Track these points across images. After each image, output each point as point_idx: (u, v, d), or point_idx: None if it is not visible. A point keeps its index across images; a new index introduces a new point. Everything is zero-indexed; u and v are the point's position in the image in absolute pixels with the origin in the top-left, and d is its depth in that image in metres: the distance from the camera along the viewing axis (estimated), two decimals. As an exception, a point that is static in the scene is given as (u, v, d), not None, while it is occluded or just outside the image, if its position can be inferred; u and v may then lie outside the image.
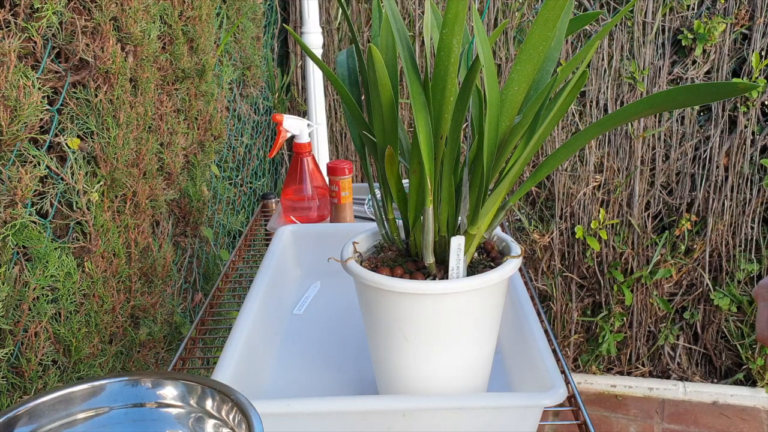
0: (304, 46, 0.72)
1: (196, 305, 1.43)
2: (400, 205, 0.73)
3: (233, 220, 1.71)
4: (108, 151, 1.00)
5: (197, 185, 1.37)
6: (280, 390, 0.84)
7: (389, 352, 0.73)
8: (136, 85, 1.08)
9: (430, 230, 0.69)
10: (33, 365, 0.84)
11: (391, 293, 0.68)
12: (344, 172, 1.25)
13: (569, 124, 2.27)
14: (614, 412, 2.35)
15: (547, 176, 2.32)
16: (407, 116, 2.26)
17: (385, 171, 0.69)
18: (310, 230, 1.16)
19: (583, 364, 2.46)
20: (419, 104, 0.65)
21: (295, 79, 2.32)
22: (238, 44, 1.71)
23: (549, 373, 0.72)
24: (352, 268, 0.71)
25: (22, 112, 0.79)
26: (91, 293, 0.97)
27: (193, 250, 1.42)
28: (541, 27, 0.60)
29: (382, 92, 0.65)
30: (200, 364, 1.19)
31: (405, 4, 2.21)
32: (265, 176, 2.10)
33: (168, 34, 1.21)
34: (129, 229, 1.07)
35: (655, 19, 2.12)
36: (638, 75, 2.16)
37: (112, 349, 1.03)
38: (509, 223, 2.35)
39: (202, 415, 0.60)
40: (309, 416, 0.69)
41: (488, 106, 0.62)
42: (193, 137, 1.34)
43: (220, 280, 1.20)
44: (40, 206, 0.89)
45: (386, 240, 0.78)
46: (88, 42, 0.95)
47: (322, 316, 1.02)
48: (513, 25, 2.19)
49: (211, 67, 1.37)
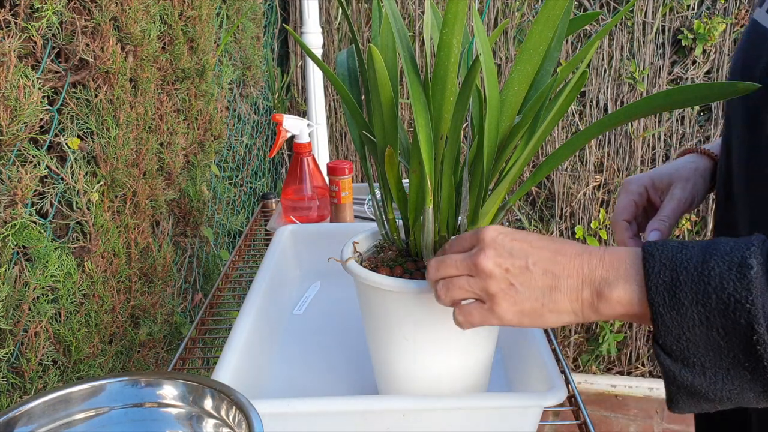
0: (304, 46, 0.72)
1: (196, 305, 1.43)
2: (400, 205, 0.73)
3: (233, 220, 1.71)
4: (108, 151, 1.00)
5: (197, 185, 1.37)
6: (280, 390, 0.84)
7: (389, 352, 0.73)
8: (136, 85, 1.08)
9: (430, 230, 0.69)
10: (33, 365, 0.84)
11: (390, 293, 0.68)
12: (344, 172, 1.25)
13: (569, 124, 2.27)
14: (614, 412, 2.35)
15: (547, 176, 2.32)
16: (407, 116, 2.26)
17: (385, 171, 0.69)
18: (310, 230, 1.16)
19: (583, 364, 2.46)
20: (419, 104, 0.65)
21: (295, 79, 2.32)
22: (238, 44, 1.71)
23: (549, 373, 0.72)
24: (352, 268, 0.71)
25: (22, 112, 0.79)
26: (91, 293, 0.97)
27: (193, 250, 1.42)
28: (541, 27, 0.60)
29: (382, 92, 0.65)
30: (200, 364, 1.19)
31: (405, 4, 2.21)
32: (265, 176, 2.10)
33: (168, 34, 1.21)
34: (129, 229, 1.07)
35: (655, 19, 2.12)
36: (638, 75, 2.16)
37: (112, 349, 1.03)
38: (509, 223, 2.35)
39: (201, 415, 0.60)
40: (309, 416, 0.69)
41: (488, 106, 0.62)
42: (193, 137, 1.34)
43: (220, 280, 1.20)
44: (40, 206, 0.89)
45: (386, 240, 0.78)
46: (88, 42, 0.95)
47: (322, 316, 1.02)
48: (513, 25, 2.19)
49: (211, 67, 1.37)
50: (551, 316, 0.56)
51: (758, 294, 0.47)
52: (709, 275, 0.49)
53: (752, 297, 0.47)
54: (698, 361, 0.50)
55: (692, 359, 0.51)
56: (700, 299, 0.49)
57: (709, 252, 0.50)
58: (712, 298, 0.48)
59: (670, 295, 0.50)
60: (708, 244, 0.51)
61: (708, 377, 0.50)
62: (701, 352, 0.50)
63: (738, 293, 0.48)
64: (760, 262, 0.48)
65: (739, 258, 0.49)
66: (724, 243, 0.51)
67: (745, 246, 0.49)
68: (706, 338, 0.49)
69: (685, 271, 0.50)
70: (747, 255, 0.48)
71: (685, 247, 0.51)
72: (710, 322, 0.49)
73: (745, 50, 0.68)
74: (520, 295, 0.56)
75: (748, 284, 0.47)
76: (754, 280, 0.47)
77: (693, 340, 0.50)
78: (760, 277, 0.48)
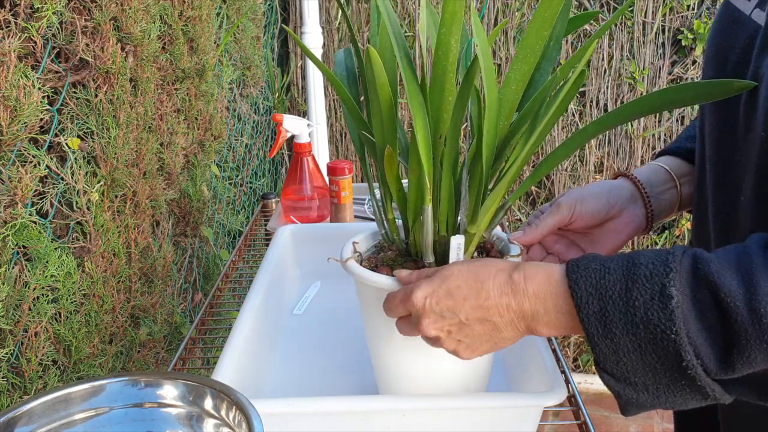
0: (304, 48, 0.72)
1: (196, 305, 1.43)
2: (399, 205, 0.73)
3: (233, 220, 1.71)
4: (108, 151, 1.00)
5: (197, 185, 1.37)
6: (280, 390, 0.84)
7: (389, 351, 0.73)
8: (136, 85, 1.08)
9: (429, 230, 0.69)
10: (33, 365, 0.85)
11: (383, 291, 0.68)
12: (344, 172, 1.25)
13: (569, 124, 2.27)
14: (614, 412, 2.35)
15: (546, 176, 2.32)
16: (407, 116, 2.26)
17: (385, 171, 0.69)
18: (310, 230, 1.16)
19: (583, 364, 2.46)
20: (417, 105, 0.65)
21: (295, 79, 2.32)
22: (238, 44, 1.71)
23: (549, 373, 0.72)
24: (351, 267, 0.71)
25: (22, 112, 0.79)
26: (91, 293, 0.97)
27: (193, 250, 1.42)
28: (537, 26, 0.60)
29: (381, 93, 0.65)
30: (200, 364, 1.19)
31: (405, 4, 2.21)
32: (265, 176, 2.10)
33: (168, 34, 1.22)
34: (129, 229, 1.07)
35: (655, 19, 2.12)
36: (638, 75, 2.16)
37: (112, 349, 1.03)
38: (509, 223, 2.35)
39: (202, 414, 0.60)
40: (309, 416, 0.69)
41: (487, 106, 0.62)
42: (193, 137, 1.34)
43: (220, 280, 1.20)
44: (40, 206, 0.89)
45: (386, 240, 0.78)
46: (88, 42, 0.95)
47: (322, 316, 1.02)
48: (513, 25, 2.19)
49: (211, 67, 1.37)
50: (507, 343, 0.60)
51: (681, 324, 0.49)
52: (634, 306, 0.50)
53: (675, 327, 0.49)
54: (639, 381, 0.53)
55: (633, 379, 0.53)
56: (630, 329, 0.51)
57: (631, 278, 0.51)
58: (640, 328, 0.50)
59: (602, 325, 0.52)
60: (628, 266, 0.52)
61: (651, 392, 0.53)
62: (640, 374, 0.52)
63: (662, 324, 0.49)
64: (679, 290, 0.49)
65: (659, 286, 0.50)
66: (645, 263, 0.51)
67: (664, 271, 0.50)
68: (642, 362, 0.51)
69: (611, 300, 0.51)
70: (666, 283, 0.50)
71: (607, 271, 0.52)
72: (642, 349, 0.51)
73: (719, 35, 0.65)
74: (472, 343, 0.60)
75: (671, 315, 0.49)
76: (675, 310, 0.49)
77: (630, 365, 0.52)
78: (681, 306, 0.49)
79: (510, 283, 0.57)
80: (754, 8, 0.60)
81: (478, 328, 0.59)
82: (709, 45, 0.67)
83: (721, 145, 0.63)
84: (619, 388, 0.54)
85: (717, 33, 0.66)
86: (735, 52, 0.61)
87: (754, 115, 0.56)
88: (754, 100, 0.56)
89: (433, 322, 0.60)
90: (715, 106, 0.64)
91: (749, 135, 0.58)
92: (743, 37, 0.61)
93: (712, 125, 0.65)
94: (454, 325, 0.59)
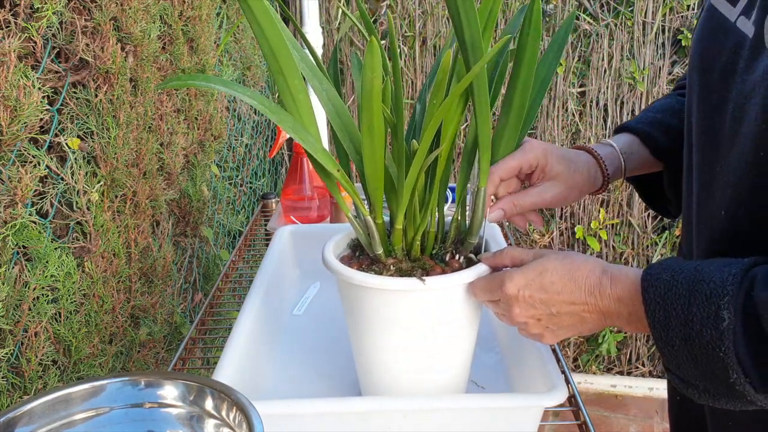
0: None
1: (196, 305, 1.43)
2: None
3: (233, 220, 1.71)
4: (108, 151, 1.00)
5: (197, 185, 1.37)
6: (280, 390, 0.84)
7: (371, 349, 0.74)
8: (136, 85, 1.08)
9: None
10: (33, 365, 0.84)
11: (371, 290, 0.70)
12: (344, 172, 1.25)
13: (569, 124, 2.27)
14: (614, 412, 2.35)
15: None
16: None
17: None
18: (310, 230, 1.16)
19: (583, 364, 2.46)
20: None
21: (295, 79, 2.32)
22: (238, 44, 1.71)
23: (549, 374, 0.72)
24: (332, 264, 0.73)
25: (22, 112, 0.79)
26: (91, 293, 0.97)
27: (193, 250, 1.42)
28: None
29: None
30: (200, 364, 1.19)
31: (405, 4, 2.21)
32: (265, 176, 2.10)
33: (168, 34, 1.21)
34: (129, 229, 1.07)
35: (655, 19, 2.12)
36: (638, 75, 2.16)
37: (112, 349, 1.03)
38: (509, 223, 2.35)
39: (202, 415, 0.60)
40: (309, 416, 0.69)
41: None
42: (193, 137, 1.34)
43: (220, 280, 1.20)
44: (40, 206, 0.89)
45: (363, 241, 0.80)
46: (88, 42, 0.95)
47: (322, 316, 1.02)
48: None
49: (211, 67, 1.37)
50: (589, 332, 0.67)
51: (730, 345, 0.52)
52: (692, 320, 0.54)
53: (724, 347, 0.52)
54: (700, 385, 0.56)
55: (694, 382, 0.57)
56: (687, 341, 0.55)
57: (693, 294, 0.55)
58: (695, 342, 0.54)
59: (665, 332, 0.56)
60: (693, 282, 0.56)
61: (712, 396, 0.56)
62: (699, 380, 0.56)
63: (714, 341, 0.53)
64: (730, 314, 0.53)
65: (715, 307, 0.53)
66: (707, 280, 0.55)
67: (721, 293, 0.53)
68: (698, 371, 0.55)
69: (674, 312, 0.56)
70: (721, 305, 0.53)
71: (675, 283, 0.57)
72: (697, 360, 0.55)
73: (705, 40, 0.66)
74: (558, 330, 0.67)
75: (721, 335, 0.53)
76: (726, 332, 0.52)
77: (689, 371, 0.56)
78: (732, 329, 0.52)
79: (599, 285, 0.63)
80: (739, 15, 0.61)
81: (566, 320, 0.65)
82: (695, 48, 0.68)
83: (707, 155, 0.65)
84: (683, 388, 0.58)
85: (703, 38, 0.66)
86: (721, 60, 0.62)
87: (737, 136, 0.58)
88: (738, 124, 0.58)
89: (525, 310, 0.66)
90: (703, 112, 0.65)
91: (732, 151, 0.59)
92: (729, 44, 0.61)
93: (698, 134, 0.66)
94: (544, 315, 0.66)
